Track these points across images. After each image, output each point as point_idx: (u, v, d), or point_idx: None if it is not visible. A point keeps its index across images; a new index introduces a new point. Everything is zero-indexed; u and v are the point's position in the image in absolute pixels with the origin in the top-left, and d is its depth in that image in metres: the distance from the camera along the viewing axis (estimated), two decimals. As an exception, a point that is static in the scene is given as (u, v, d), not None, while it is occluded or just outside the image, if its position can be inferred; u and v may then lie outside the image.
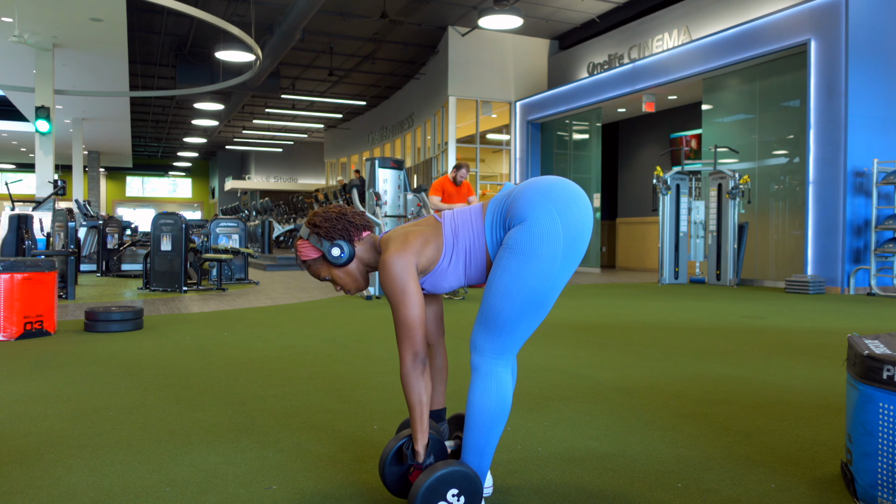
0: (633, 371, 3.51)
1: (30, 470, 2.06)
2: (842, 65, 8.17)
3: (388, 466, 1.76)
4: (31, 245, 6.61)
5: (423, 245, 1.70)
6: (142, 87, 17.80)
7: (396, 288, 1.64)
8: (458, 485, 1.62)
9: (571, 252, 1.64)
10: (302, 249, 1.80)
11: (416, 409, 1.66)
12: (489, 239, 1.71)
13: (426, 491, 1.59)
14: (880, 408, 1.72)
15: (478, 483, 1.65)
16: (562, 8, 12.54)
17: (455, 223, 1.74)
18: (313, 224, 1.78)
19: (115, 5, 9.11)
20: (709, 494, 1.87)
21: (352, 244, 1.77)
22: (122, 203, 34.28)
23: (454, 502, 1.62)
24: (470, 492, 1.64)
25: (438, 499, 1.60)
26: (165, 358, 3.87)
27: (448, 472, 1.61)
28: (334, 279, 1.81)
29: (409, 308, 1.64)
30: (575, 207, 1.64)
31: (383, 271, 1.67)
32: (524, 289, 1.61)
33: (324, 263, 1.79)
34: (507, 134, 14.89)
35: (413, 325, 1.63)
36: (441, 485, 1.60)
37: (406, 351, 1.65)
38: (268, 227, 14.35)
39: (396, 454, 1.77)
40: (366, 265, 1.81)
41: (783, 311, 6.23)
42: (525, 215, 1.62)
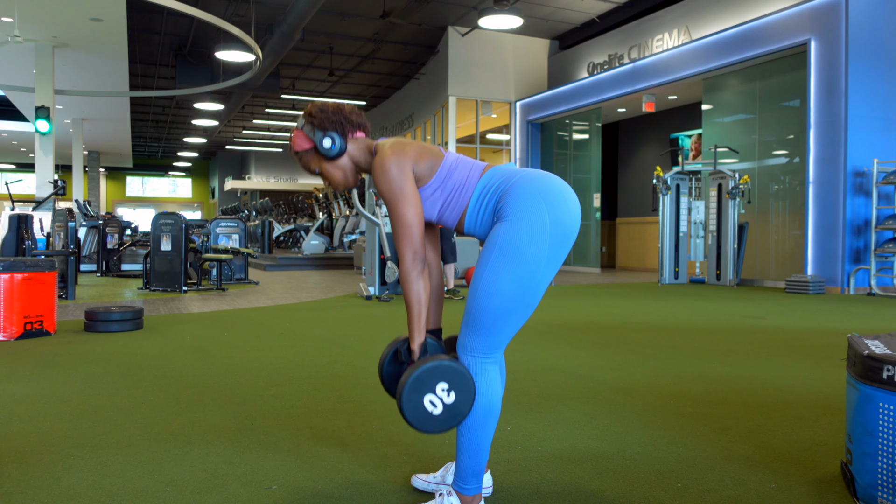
0: (633, 371, 3.51)
1: (30, 470, 2.06)
2: (842, 65, 8.17)
3: (386, 367, 1.76)
4: (31, 245, 6.60)
5: (420, 156, 1.71)
6: (142, 87, 17.80)
7: (394, 188, 1.65)
8: (448, 379, 1.57)
9: (556, 253, 1.64)
10: (295, 139, 1.81)
11: (413, 308, 1.66)
12: (474, 200, 1.71)
13: (415, 381, 1.55)
14: (880, 408, 1.72)
15: (470, 381, 1.60)
16: (562, 8, 12.54)
17: (455, 163, 1.75)
18: (309, 114, 1.79)
19: (115, 5, 9.11)
20: (709, 494, 1.87)
21: (344, 139, 1.78)
22: (122, 203, 34.27)
23: (444, 398, 1.57)
24: (461, 388, 1.59)
25: (427, 390, 1.56)
26: (165, 358, 3.87)
27: (437, 364, 1.57)
28: (323, 173, 1.81)
29: (406, 207, 1.65)
30: (566, 209, 1.65)
31: (379, 171, 1.67)
32: (509, 288, 1.60)
33: (314, 155, 1.79)
34: (507, 134, 14.89)
35: (411, 224, 1.64)
36: (430, 376, 1.56)
37: (406, 249, 1.65)
38: (268, 227, 14.35)
39: (394, 355, 1.76)
40: (356, 164, 1.81)
41: (783, 311, 6.23)
42: (516, 212, 1.62)
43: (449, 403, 1.58)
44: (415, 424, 1.58)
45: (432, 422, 1.58)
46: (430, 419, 1.58)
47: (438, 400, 1.57)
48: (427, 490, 1.90)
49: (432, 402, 1.56)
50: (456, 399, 1.58)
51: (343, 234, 14.47)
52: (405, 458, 2.16)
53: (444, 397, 1.57)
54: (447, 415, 1.59)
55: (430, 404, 1.56)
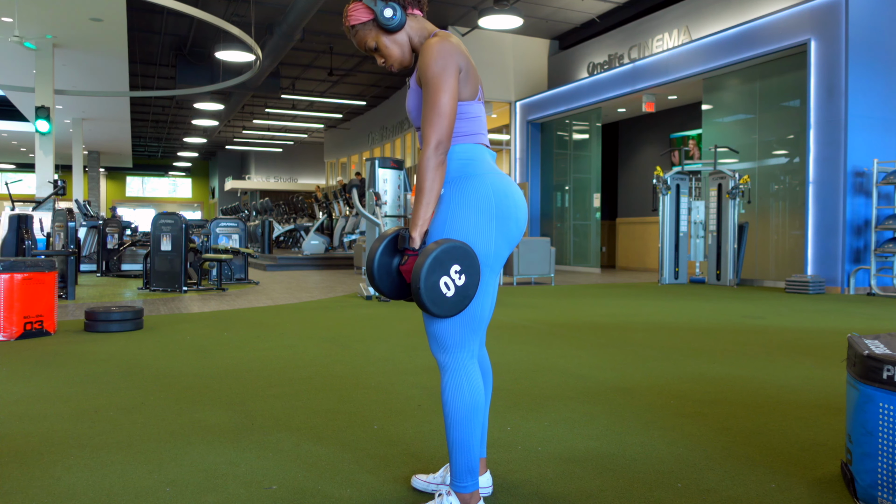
0: (633, 371, 3.51)
1: (30, 470, 2.06)
2: (842, 65, 8.17)
3: (380, 256, 1.66)
4: (31, 245, 6.61)
5: (469, 71, 1.70)
6: (142, 87, 17.80)
7: (442, 74, 1.62)
8: (460, 261, 1.57)
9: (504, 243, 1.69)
10: (353, 13, 1.75)
11: (424, 195, 1.62)
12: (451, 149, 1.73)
13: (433, 262, 1.53)
14: (880, 408, 1.72)
15: (477, 264, 1.61)
16: (562, 8, 12.54)
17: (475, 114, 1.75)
18: None
19: (115, 5, 9.11)
20: (709, 494, 1.87)
21: (405, 10, 1.74)
22: (122, 203, 34.26)
23: (456, 280, 1.57)
24: (471, 270, 1.60)
25: (443, 272, 1.55)
26: (165, 358, 3.87)
27: (454, 245, 1.57)
28: (380, 48, 1.76)
29: (445, 94, 1.62)
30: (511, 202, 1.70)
31: (430, 53, 1.64)
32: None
33: (373, 28, 1.75)
34: (507, 134, 14.89)
35: (445, 112, 1.62)
36: (448, 258, 1.56)
37: (433, 135, 1.62)
38: (268, 227, 14.35)
39: (390, 243, 1.68)
40: (412, 41, 1.77)
41: (783, 311, 6.23)
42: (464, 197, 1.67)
43: (460, 286, 1.58)
44: (430, 306, 1.56)
45: (445, 303, 1.57)
46: (444, 300, 1.57)
47: (451, 282, 1.56)
48: (427, 491, 1.90)
49: (447, 284, 1.56)
50: (466, 281, 1.59)
51: (343, 234, 14.47)
52: (405, 458, 2.16)
53: (456, 279, 1.57)
54: (458, 297, 1.58)
55: (444, 286, 1.56)
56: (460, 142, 1.72)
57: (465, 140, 1.73)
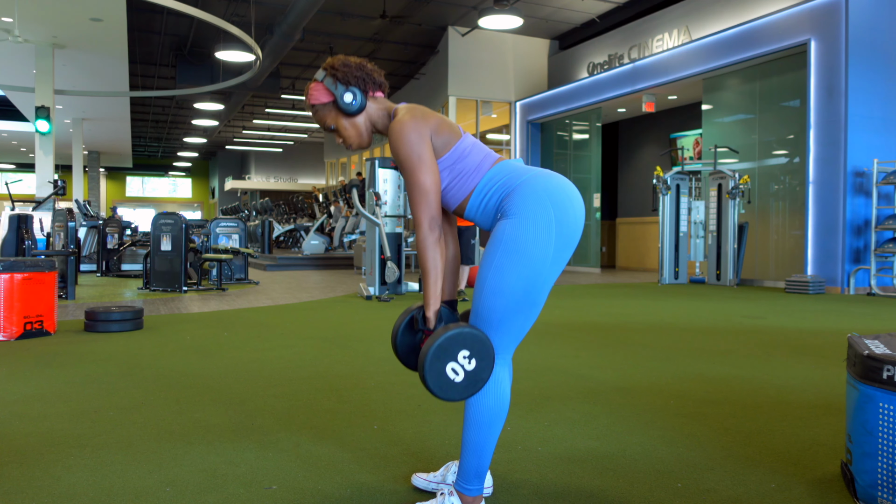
0: (633, 371, 3.51)
1: (30, 470, 2.06)
2: (842, 65, 8.17)
3: (401, 336, 1.74)
4: (31, 245, 6.60)
5: (439, 127, 1.68)
6: (142, 87, 17.80)
7: (412, 153, 1.63)
8: (469, 346, 1.57)
9: (561, 253, 1.64)
10: (313, 92, 1.76)
11: (430, 275, 1.64)
12: (479, 188, 1.69)
13: (437, 349, 1.55)
14: (880, 408, 1.72)
15: (490, 348, 1.60)
16: (562, 8, 12.54)
17: (470, 148, 1.73)
18: (332, 67, 1.74)
19: (115, 5, 9.11)
20: (709, 494, 1.87)
21: (365, 96, 1.75)
22: (122, 203, 34.26)
23: (465, 364, 1.57)
24: (482, 355, 1.59)
25: (449, 358, 1.56)
26: (165, 358, 3.87)
27: (459, 332, 1.56)
28: (339, 129, 1.78)
29: (424, 173, 1.63)
30: (571, 210, 1.64)
31: (397, 136, 1.65)
32: (515, 287, 1.60)
33: (332, 110, 1.76)
34: (507, 134, 14.89)
35: (429, 189, 1.63)
36: (453, 344, 1.56)
37: (423, 215, 1.63)
38: (268, 227, 14.35)
39: (409, 324, 1.75)
40: (373, 124, 1.78)
41: (783, 311, 6.23)
42: (522, 211, 1.61)
43: (470, 370, 1.57)
44: (438, 393, 1.57)
45: (454, 389, 1.58)
46: (453, 387, 1.57)
47: (460, 367, 1.56)
48: (427, 489, 1.90)
49: (454, 370, 1.56)
50: (477, 365, 1.58)
51: (343, 234, 14.47)
52: (405, 458, 2.16)
53: (465, 364, 1.57)
54: (469, 381, 1.58)
55: (452, 372, 1.56)
56: (483, 171, 1.70)
57: (484, 166, 1.71)
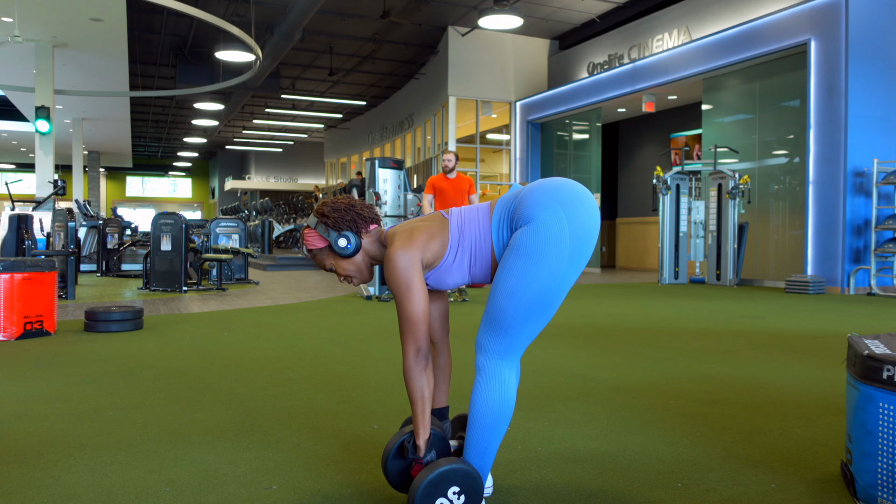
0: (633, 371, 3.51)
1: (30, 470, 2.06)
2: (842, 65, 8.17)
3: (391, 461, 1.77)
4: (31, 245, 6.60)
5: (429, 240, 1.71)
6: (142, 87, 17.80)
7: (401, 283, 1.65)
8: (459, 483, 1.61)
9: (578, 253, 1.63)
10: (308, 238, 1.80)
11: (417, 404, 1.67)
12: (495, 238, 1.71)
13: (428, 485, 1.58)
14: (880, 408, 1.72)
15: (479, 483, 1.64)
16: (562, 8, 12.54)
17: (462, 220, 1.75)
18: (322, 214, 1.78)
19: (115, 5, 9.11)
20: (709, 494, 1.87)
21: (359, 236, 1.78)
22: (122, 203, 34.26)
23: (454, 500, 1.61)
24: (471, 491, 1.63)
25: (439, 495, 1.59)
26: (165, 358, 3.87)
27: (450, 469, 1.61)
28: (338, 269, 1.82)
29: (413, 303, 1.64)
30: (582, 209, 1.65)
31: (388, 266, 1.67)
32: (530, 290, 1.61)
33: (329, 253, 1.80)
34: (507, 134, 14.89)
35: (417, 320, 1.64)
36: (443, 481, 1.60)
37: (409, 346, 1.65)
38: (268, 227, 14.35)
39: (399, 449, 1.77)
40: (371, 258, 1.82)
41: (783, 311, 6.23)
42: (532, 216, 1.62)
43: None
44: None
45: None
46: None
47: (448, 503, 1.61)
48: (427, 490, 1.90)
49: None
50: (466, 501, 1.62)
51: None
52: (405, 458, 2.16)
53: (454, 500, 1.61)
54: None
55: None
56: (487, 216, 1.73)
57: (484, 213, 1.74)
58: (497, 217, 1.72)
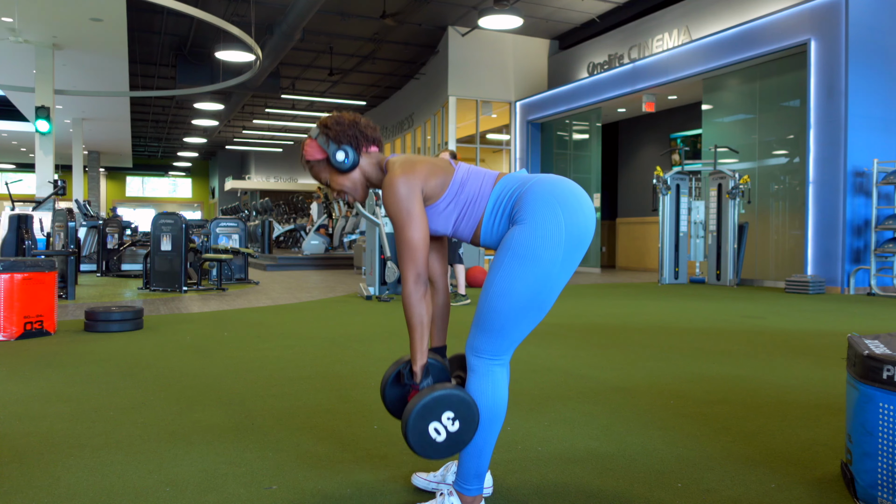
0: (633, 371, 3.51)
1: (30, 470, 2.06)
2: (842, 65, 8.17)
3: (389, 388, 1.79)
4: (31, 245, 6.60)
5: (430, 175, 1.70)
6: (142, 87, 17.80)
7: (402, 209, 1.65)
8: (454, 408, 1.60)
9: (571, 256, 1.64)
10: (307, 149, 1.80)
11: (416, 330, 1.66)
12: (489, 210, 1.70)
13: (422, 409, 1.58)
14: (880, 408, 1.72)
15: (474, 411, 1.62)
16: (562, 8, 12.54)
17: (467, 175, 1.75)
18: (324, 125, 1.77)
19: (115, 5, 9.10)
20: (709, 494, 1.87)
21: (358, 153, 1.77)
22: (122, 203, 34.26)
23: (448, 426, 1.60)
24: (466, 418, 1.61)
25: (433, 418, 1.58)
26: (165, 358, 3.87)
27: (445, 394, 1.59)
28: (332, 184, 1.81)
29: (413, 230, 1.65)
30: (580, 211, 1.64)
31: (388, 191, 1.67)
32: (523, 291, 1.61)
33: (326, 167, 1.79)
34: (507, 134, 14.89)
35: (417, 246, 1.64)
36: (437, 405, 1.59)
37: (409, 271, 1.65)
38: (268, 227, 14.35)
39: (396, 377, 1.79)
40: (367, 179, 1.81)
41: (783, 311, 6.23)
42: (530, 215, 1.62)
43: (453, 431, 1.60)
44: (417, 450, 1.61)
45: (435, 449, 1.60)
46: (433, 446, 1.60)
47: (443, 428, 1.59)
48: (427, 489, 1.90)
49: (437, 430, 1.59)
50: (460, 428, 1.61)
51: (343, 234, 14.47)
52: (405, 458, 2.16)
53: (448, 425, 1.59)
54: (450, 442, 1.60)
55: (434, 432, 1.59)
56: (488, 191, 1.71)
57: (487, 186, 1.72)
58: (498, 193, 1.71)
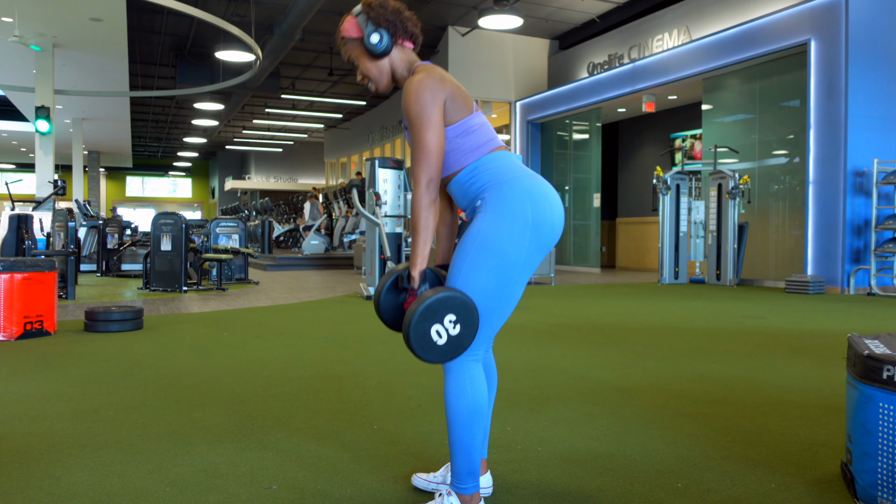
0: (633, 371, 3.51)
1: (30, 470, 2.06)
2: (842, 65, 8.17)
3: (384, 295, 1.75)
4: (31, 245, 6.60)
5: (454, 96, 1.69)
6: (142, 87, 17.80)
7: (423, 112, 1.64)
8: (456, 311, 1.57)
9: (534, 256, 1.65)
10: (346, 24, 1.78)
11: (420, 234, 1.63)
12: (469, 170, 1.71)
13: (425, 310, 1.55)
14: (880, 408, 1.72)
15: (476, 314, 1.60)
16: (562, 8, 12.54)
17: (478, 127, 1.73)
18: (368, 5, 1.76)
19: (115, 5, 9.11)
20: (709, 494, 1.87)
21: (392, 41, 1.76)
22: (122, 203, 34.27)
23: (450, 328, 1.57)
24: (467, 321, 1.59)
25: (435, 320, 1.56)
26: (165, 358, 3.87)
27: (450, 295, 1.57)
28: (361, 66, 1.79)
29: (430, 133, 1.64)
30: (549, 214, 1.66)
31: (412, 93, 1.66)
32: (488, 285, 1.62)
33: (358, 46, 1.78)
34: (507, 134, 14.89)
35: (431, 150, 1.64)
36: (441, 307, 1.56)
37: (422, 174, 1.63)
38: (268, 227, 14.35)
39: (393, 283, 1.74)
40: (394, 71, 1.79)
41: (783, 311, 6.23)
42: (501, 206, 1.63)
43: (454, 335, 1.58)
44: (418, 352, 1.57)
45: (435, 351, 1.58)
46: (434, 348, 1.57)
47: (444, 330, 1.57)
48: (427, 489, 1.90)
49: (438, 332, 1.56)
50: (461, 331, 1.58)
51: (343, 233, 14.47)
52: (405, 458, 2.16)
53: (450, 328, 1.57)
54: (450, 346, 1.58)
55: (436, 334, 1.56)
56: (479, 154, 1.71)
57: (482, 150, 1.72)
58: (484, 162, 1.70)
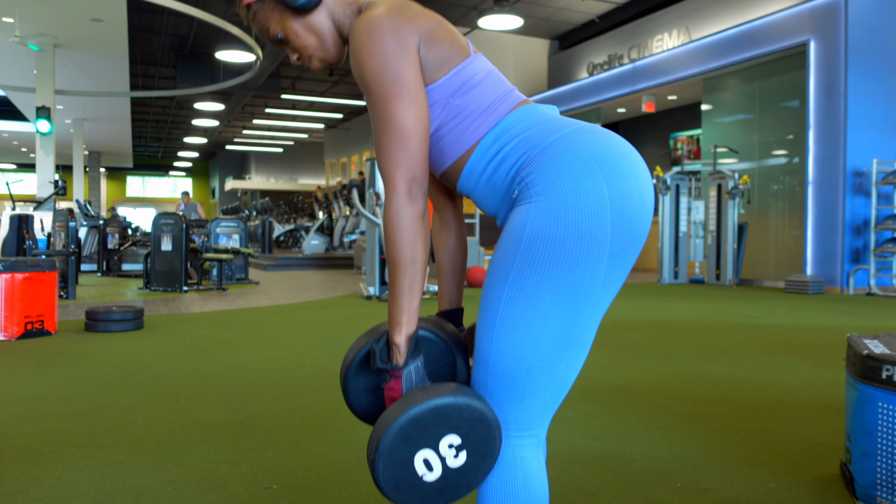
0: (633, 371, 3.51)
1: (30, 469, 2.06)
2: (841, 65, 8.17)
3: (352, 375, 1.07)
4: (31, 245, 6.61)
5: (433, 36, 1.05)
6: (142, 87, 17.80)
7: (385, 70, 0.98)
8: (464, 431, 0.93)
9: (621, 258, 0.98)
10: None
11: (404, 274, 0.97)
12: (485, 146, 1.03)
13: (408, 424, 0.91)
14: (879, 407, 1.72)
15: (493, 435, 0.95)
16: (562, 8, 12.54)
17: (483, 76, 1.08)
18: None
19: (115, 5, 9.11)
20: (709, 494, 1.87)
21: None
22: (122, 203, 34.27)
23: (448, 457, 0.94)
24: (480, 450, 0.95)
25: (424, 444, 0.92)
26: (165, 358, 3.87)
27: (453, 401, 0.92)
28: (289, 37, 1.11)
29: (403, 104, 0.98)
30: (635, 187, 0.98)
31: (363, 40, 0.99)
32: (549, 320, 0.95)
33: (275, 9, 1.10)
34: (507, 134, 14.90)
35: (410, 131, 0.98)
36: (435, 422, 0.92)
37: (398, 172, 0.97)
38: (268, 227, 14.35)
39: (365, 358, 1.06)
40: (338, 26, 1.12)
41: (783, 311, 6.23)
42: (555, 187, 0.95)
43: (454, 468, 0.95)
44: (387, 492, 0.93)
45: (416, 491, 0.94)
46: (415, 487, 0.93)
47: (439, 460, 0.94)
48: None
49: (427, 463, 0.93)
50: (467, 463, 0.95)
51: (343, 233, 14.47)
52: (405, 458, 2.16)
53: (448, 457, 0.94)
54: (444, 484, 0.94)
55: (423, 465, 0.93)
56: (497, 116, 1.04)
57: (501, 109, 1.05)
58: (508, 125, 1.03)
